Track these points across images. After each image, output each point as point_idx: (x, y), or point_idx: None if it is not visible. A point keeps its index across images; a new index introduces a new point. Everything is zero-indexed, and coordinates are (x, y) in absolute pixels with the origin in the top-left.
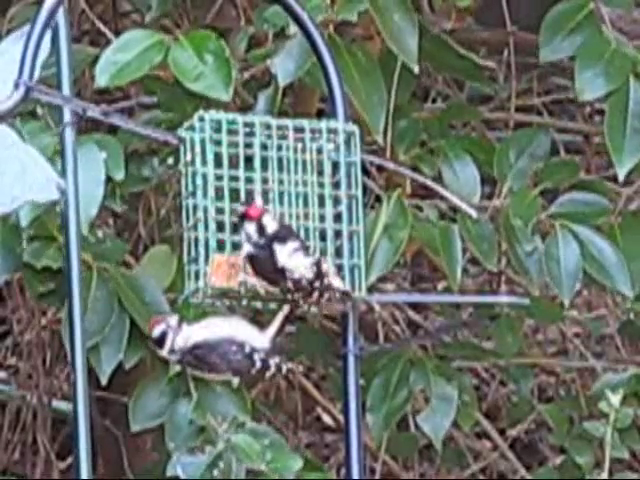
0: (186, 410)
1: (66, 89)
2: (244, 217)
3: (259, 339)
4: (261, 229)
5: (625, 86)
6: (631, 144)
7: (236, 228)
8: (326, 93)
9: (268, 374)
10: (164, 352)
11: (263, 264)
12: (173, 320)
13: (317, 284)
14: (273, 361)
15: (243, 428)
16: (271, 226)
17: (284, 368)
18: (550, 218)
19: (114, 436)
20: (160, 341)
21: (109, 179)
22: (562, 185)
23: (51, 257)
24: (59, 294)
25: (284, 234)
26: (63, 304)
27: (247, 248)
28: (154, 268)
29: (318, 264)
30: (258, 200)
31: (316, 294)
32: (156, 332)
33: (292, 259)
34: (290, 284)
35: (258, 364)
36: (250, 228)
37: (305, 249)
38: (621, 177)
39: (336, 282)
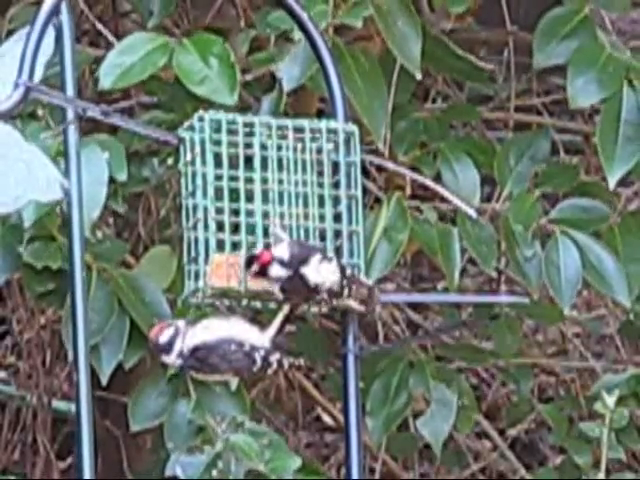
0: (185, 410)
1: (69, 88)
2: (262, 266)
3: (259, 338)
4: (283, 263)
5: (618, 93)
6: (622, 152)
7: (236, 228)
8: (326, 95)
9: (270, 371)
10: (172, 356)
11: (297, 290)
12: (181, 323)
13: (345, 282)
14: (274, 357)
15: (242, 428)
16: (286, 254)
17: (286, 363)
18: (550, 223)
19: (114, 436)
20: (169, 345)
21: (111, 180)
22: (562, 189)
23: (51, 257)
24: (58, 294)
25: (304, 253)
26: (62, 304)
27: (276, 286)
28: (154, 268)
29: (341, 264)
30: (259, 245)
31: (346, 291)
32: (165, 337)
33: (321, 273)
34: (325, 295)
35: (259, 362)
36: (275, 270)
37: (325, 256)
38: (611, 185)
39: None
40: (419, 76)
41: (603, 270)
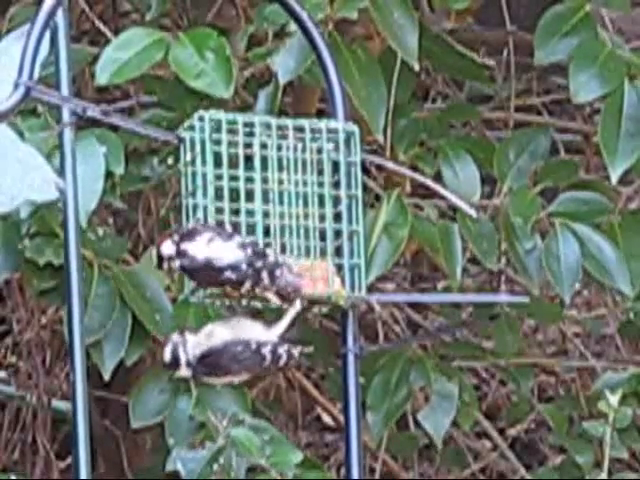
0: (186, 406)
1: (65, 89)
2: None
3: (264, 333)
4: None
5: (620, 89)
6: (624, 147)
7: (236, 228)
8: (325, 86)
9: (282, 363)
10: (183, 370)
11: (190, 268)
12: (175, 335)
13: (259, 264)
14: (283, 349)
15: (243, 424)
16: (172, 248)
17: (296, 352)
18: (550, 217)
19: (114, 436)
20: (175, 360)
21: (109, 174)
22: (561, 184)
23: (53, 253)
24: (60, 292)
25: (190, 234)
26: (64, 302)
27: (176, 264)
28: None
29: (252, 244)
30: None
31: (265, 274)
32: (167, 354)
33: (211, 248)
34: (229, 274)
35: (268, 357)
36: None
37: (225, 236)
38: (614, 180)
39: (284, 259)
40: (417, 67)
41: (603, 260)
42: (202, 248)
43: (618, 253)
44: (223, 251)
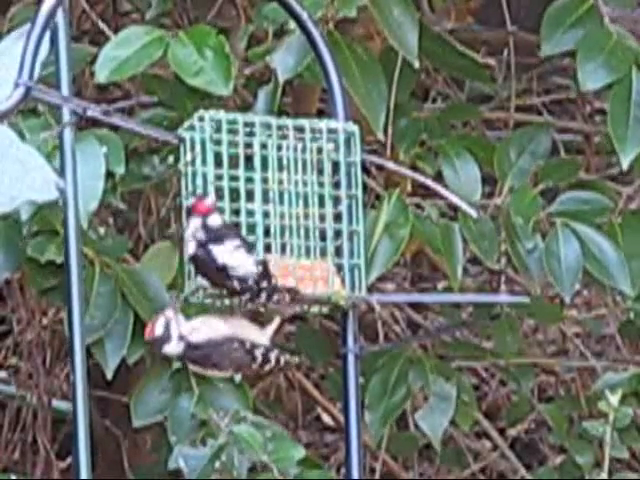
0: (188, 405)
1: (65, 89)
2: (191, 211)
3: (259, 336)
4: (205, 227)
5: (627, 77)
6: (634, 133)
7: (237, 228)
8: (325, 85)
9: (267, 367)
10: (173, 343)
11: (204, 264)
12: (169, 311)
13: (264, 284)
14: (273, 355)
15: (245, 421)
16: (214, 226)
17: (282, 360)
18: (550, 216)
19: (114, 436)
20: (166, 333)
21: (109, 175)
22: (562, 184)
23: (55, 251)
24: (61, 290)
25: (221, 234)
26: (65, 301)
27: (192, 247)
28: (156, 264)
29: (264, 264)
30: (211, 196)
31: (264, 295)
32: (160, 327)
33: (233, 257)
34: (236, 283)
35: (259, 359)
36: (195, 223)
37: (248, 248)
38: (625, 166)
39: (287, 282)
40: (417, 64)
41: (604, 260)
42: (226, 254)
43: (619, 253)
44: (242, 263)
